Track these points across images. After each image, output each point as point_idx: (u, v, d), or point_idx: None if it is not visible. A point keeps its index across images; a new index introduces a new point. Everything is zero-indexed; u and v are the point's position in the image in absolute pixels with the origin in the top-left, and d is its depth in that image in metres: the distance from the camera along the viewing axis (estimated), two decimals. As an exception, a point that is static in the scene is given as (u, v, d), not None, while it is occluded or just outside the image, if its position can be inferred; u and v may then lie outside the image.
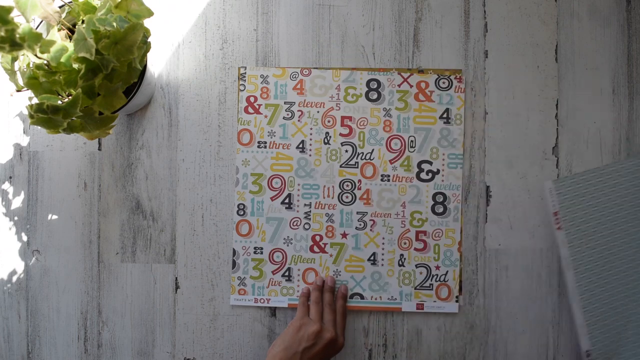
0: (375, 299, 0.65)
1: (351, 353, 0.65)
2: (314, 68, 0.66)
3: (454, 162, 0.65)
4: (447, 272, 0.65)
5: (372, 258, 0.65)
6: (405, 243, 0.65)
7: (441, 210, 0.65)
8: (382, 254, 0.65)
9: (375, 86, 0.66)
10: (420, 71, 0.66)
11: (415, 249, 0.65)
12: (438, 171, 0.65)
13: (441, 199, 0.65)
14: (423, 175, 0.65)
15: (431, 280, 0.65)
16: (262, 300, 0.65)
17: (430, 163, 0.65)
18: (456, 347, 0.65)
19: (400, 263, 0.65)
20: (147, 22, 0.50)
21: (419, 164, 0.65)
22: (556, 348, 0.65)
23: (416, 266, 0.65)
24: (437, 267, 0.65)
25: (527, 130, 0.66)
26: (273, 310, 0.66)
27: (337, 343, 0.59)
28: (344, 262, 0.65)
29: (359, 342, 0.65)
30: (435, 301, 0.65)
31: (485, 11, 0.66)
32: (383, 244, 0.65)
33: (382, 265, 0.65)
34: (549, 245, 0.66)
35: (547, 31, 0.66)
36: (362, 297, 0.65)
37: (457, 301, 0.65)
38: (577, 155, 0.66)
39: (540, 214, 0.66)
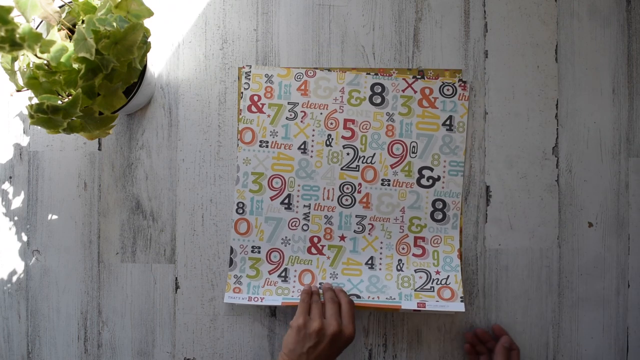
0: (374, 298, 0.63)
1: (351, 353, 0.65)
2: (319, 69, 0.66)
3: (454, 169, 0.65)
4: (448, 276, 0.64)
5: (369, 262, 0.65)
6: (403, 248, 0.65)
7: (440, 217, 0.65)
8: (380, 258, 0.65)
9: (380, 90, 0.65)
10: (420, 71, 0.66)
11: (414, 255, 0.65)
12: (439, 178, 0.65)
13: (440, 206, 0.65)
14: (423, 182, 0.65)
15: (432, 283, 0.64)
16: (255, 299, 0.64)
17: (431, 169, 0.65)
18: (456, 347, 0.65)
19: (399, 268, 0.65)
20: (147, 22, 0.50)
21: (420, 170, 0.65)
22: (556, 348, 0.65)
23: (415, 271, 0.64)
24: (438, 272, 0.64)
25: (527, 130, 0.66)
26: (273, 310, 0.65)
27: (342, 335, 0.56)
28: (341, 265, 0.65)
29: (359, 342, 0.65)
30: (437, 301, 0.62)
31: (485, 11, 0.66)
32: (381, 248, 0.65)
33: (380, 269, 0.65)
34: (549, 245, 0.66)
35: (547, 31, 0.66)
36: (359, 297, 0.63)
37: (462, 300, 0.62)
38: (577, 155, 0.66)
39: (540, 214, 0.66)
